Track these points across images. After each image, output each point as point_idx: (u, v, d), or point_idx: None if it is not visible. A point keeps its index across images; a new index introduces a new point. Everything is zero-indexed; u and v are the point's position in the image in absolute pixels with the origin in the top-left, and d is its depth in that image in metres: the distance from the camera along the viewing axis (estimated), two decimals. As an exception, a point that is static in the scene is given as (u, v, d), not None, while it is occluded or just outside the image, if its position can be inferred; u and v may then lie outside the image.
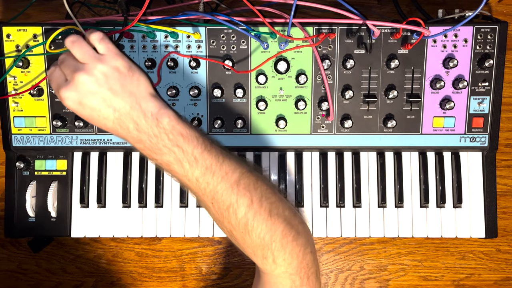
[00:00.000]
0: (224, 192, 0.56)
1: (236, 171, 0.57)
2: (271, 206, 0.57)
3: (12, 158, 0.75)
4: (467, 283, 0.85)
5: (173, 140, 0.56)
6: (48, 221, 0.75)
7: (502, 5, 0.84)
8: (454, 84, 0.72)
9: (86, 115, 0.57)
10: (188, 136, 0.57)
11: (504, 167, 0.85)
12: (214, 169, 0.56)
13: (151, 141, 0.56)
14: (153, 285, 0.85)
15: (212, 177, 0.56)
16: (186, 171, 0.56)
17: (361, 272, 0.85)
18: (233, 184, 0.56)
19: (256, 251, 0.57)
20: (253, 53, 0.72)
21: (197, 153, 0.56)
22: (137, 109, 0.56)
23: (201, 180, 0.56)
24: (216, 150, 0.58)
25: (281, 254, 0.56)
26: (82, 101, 0.56)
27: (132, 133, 0.57)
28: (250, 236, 0.56)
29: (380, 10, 0.84)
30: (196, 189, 0.57)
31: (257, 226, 0.56)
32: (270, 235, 0.56)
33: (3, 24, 0.71)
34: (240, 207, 0.56)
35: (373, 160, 0.76)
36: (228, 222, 0.57)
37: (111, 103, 0.56)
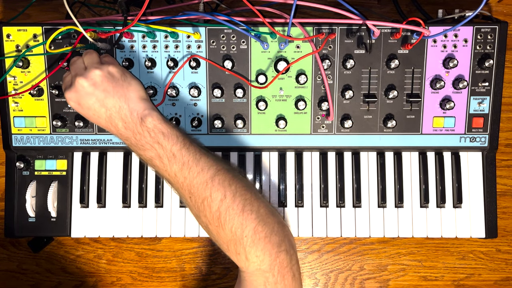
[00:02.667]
0: (200, 186, 0.60)
1: (212, 167, 0.62)
2: (245, 202, 0.60)
3: (12, 158, 0.75)
4: (467, 283, 0.85)
5: (154, 138, 0.62)
6: (48, 221, 0.75)
7: (502, 5, 0.84)
8: (454, 84, 0.72)
9: (84, 113, 0.65)
10: (168, 135, 0.62)
11: (504, 167, 0.85)
12: (190, 164, 0.61)
13: (136, 138, 0.62)
14: (153, 285, 0.85)
15: (188, 172, 0.61)
16: (165, 166, 0.62)
17: (361, 272, 0.85)
18: (208, 179, 0.60)
19: (230, 246, 0.60)
20: (253, 53, 0.72)
21: (175, 149, 0.62)
22: (126, 108, 0.63)
23: (179, 175, 0.61)
24: (195, 148, 0.63)
25: (253, 250, 0.58)
26: (81, 102, 0.64)
27: (121, 130, 0.63)
28: (223, 230, 0.59)
29: (380, 10, 0.84)
30: (175, 183, 0.62)
31: (229, 220, 0.59)
32: (242, 230, 0.58)
33: (3, 24, 0.71)
34: (214, 201, 0.59)
35: (373, 160, 0.76)
36: (204, 215, 0.60)
37: (104, 102, 0.63)
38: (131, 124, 0.63)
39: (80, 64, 0.65)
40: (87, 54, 0.66)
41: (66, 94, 0.64)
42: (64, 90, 0.65)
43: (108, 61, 0.66)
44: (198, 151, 0.63)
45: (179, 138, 0.63)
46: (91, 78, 0.62)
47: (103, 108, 0.63)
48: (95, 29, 0.67)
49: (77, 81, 0.62)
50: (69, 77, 0.66)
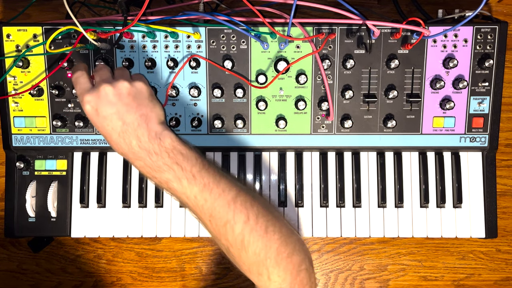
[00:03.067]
0: (222, 209, 0.58)
1: (233, 189, 0.60)
2: (267, 223, 0.59)
3: (12, 158, 0.75)
4: (467, 283, 0.85)
5: (173, 158, 0.59)
6: (48, 221, 0.75)
7: (502, 5, 0.84)
8: (454, 84, 0.72)
9: (97, 122, 0.61)
10: (188, 155, 0.60)
11: (504, 167, 0.85)
12: (211, 186, 0.59)
13: (151, 159, 0.59)
14: (153, 285, 0.85)
15: (209, 194, 0.58)
16: (184, 188, 0.59)
17: (361, 272, 0.85)
18: (230, 201, 0.58)
19: (252, 268, 0.58)
20: (253, 53, 0.72)
21: (195, 171, 0.59)
22: (144, 127, 0.60)
23: (199, 197, 0.58)
24: (214, 169, 0.61)
25: (275, 270, 0.57)
26: (99, 108, 0.60)
27: (134, 149, 0.60)
28: (246, 253, 0.58)
29: (380, 10, 0.84)
30: (194, 206, 0.59)
31: (253, 242, 0.57)
32: (266, 251, 0.57)
33: (3, 24, 0.71)
34: (237, 223, 0.57)
35: (373, 160, 0.76)
36: (226, 239, 0.58)
37: (123, 116, 0.60)
38: (147, 144, 0.59)
39: (108, 72, 0.64)
40: (119, 68, 0.66)
41: (86, 96, 0.61)
42: (81, 91, 0.62)
43: (139, 78, 0.65)
44: (217, 173, 0.61)
45: (198, 159, 0.60)
46: (119, 88, 0.60)
47: (120, 121, 0.60)
48: (95, 29, 0.67)
49: (103, 87, 0.60)
50: (85, 79, 0.63)
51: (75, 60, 0.72)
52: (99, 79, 0.62)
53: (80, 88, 0.63)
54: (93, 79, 0.64)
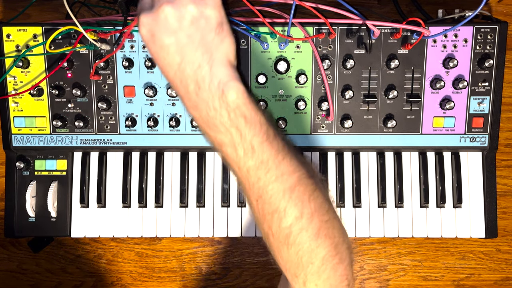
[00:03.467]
0: (275, 195, 0.49)
1: (295, 174, 0.50)
2: (321, 225, 0.50)
3: (12, 158, 0.75)
4: (467, 283, 0.85)
5: (233, 120, 0.48)
6: (48, 221, 0.75)
7: (502, 5, 0.84)
8: (454, 84, 0.72)
9: (153, 50, 0.50)
10: (252, 120, 0.49)
11: (504, 167, 0.85)
12: (270, 166, 0.49)
13: (209, 114, 0.49)
14: (153, 285, 0.85)
15: (265, 173, 0.49)
16: (239, 158, 0.49)
17: (361, 272, 0.85)
18: (287, 189, 0.49)
19: (289, 267, 0.51)
20: (253, 53, 0.72)
21: (256, 142, 0.49)
22: (206, 70, 0.48)
23: (252, 173, 0.49)
24: (278, 143, 0.50)
25: (314, 279, 0.50)
26: (156, 34, 0.49)
27: (191, 95, 0.49)
28: (288, 250, 0.49)
29: (380, 10, 0.84)
30: (244, 181, 0.50)
31: (299, 243, 0.49)
32: (310, 257, 0.49)
33: (3, 24, 0.71)
34: (287, 217, 0.49)
35: (373, 160, 0.76)
36: (269, 227, 0.50)
37: (183, 49, 0.48)
38: (207, 93, 0.48)
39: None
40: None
41: (142, 17, 0.49)
42: (139, 11, 0.51)
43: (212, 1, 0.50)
44: (282, 148, 0.50)
45: (263, 127, 0.49)
46: (181, 12, 0.48)
47: (178, 56, 0.48)
48: (95, 29, 0.67)
49: (163, 7, 0.47)
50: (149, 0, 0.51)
51: (75, 60, 0.72)
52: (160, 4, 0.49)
53: (140, 8, 0.51)
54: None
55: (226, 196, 0.76)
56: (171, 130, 0.73)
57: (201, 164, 0.76)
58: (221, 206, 0.76)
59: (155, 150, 0.76)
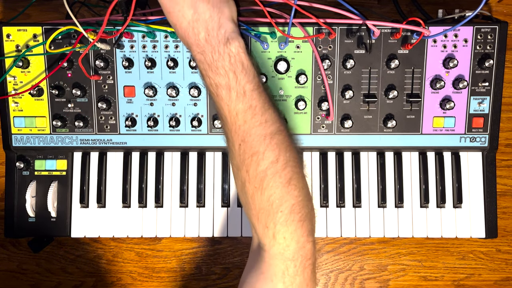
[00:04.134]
0: (256, 138, 0.55)
1: (275, 124, 0.56)
2: (293, 175, 0.55)
3: (12, 158, 0.75)
4: (467, 283, 0.85)
5: (233, 65, 0.56)
6: (48, 221, 0.75)
7: (502, 5, 0.84)
8: (454, 84, 0.72)
9: (168, 6, 0.57)
10: (247, 68, 0.56)
11: (504, 167, 0.85)
12: (256, 111, 0.55)
13: (213, 57, 0.56)
14: (153, 285, 0.85)
15: (251, 118, 0.55)
16: (231, 100, 0.55)
17: (361, 272, 0.85)
18: (268, 134, 0.55)
19: (261, 216, 0.55)
20: (253, 53, 0.72)
21: (248, 88, 0.55)
22: (215, 21, 0.56)
23: (240, 116, 0.55)
24: (265, 96, 0.57)
25: (282, 230, 0.54)
26: None
27: (200, 41, 0.56)
28: (261, 195, 0.54)
29: (380, 10, 0.84)
30: (231, 124, 0.56)
31: (272, 187, 0.54)
32: (280, 202, 0.54)
33: (3, 24, 0.71)
34: (264, 159, 0.54)
35: (373, 160, 0.76)
36: (247, 171, 0.55)
37: (195, 4, 0.55)
38: (215, 39, 0.55)
39: None
40: None
41: None
42: None
43: None
44: (267, 100, 0.57)
45: (255, 78, 0.57)
46: None
47: (192, 9, 0.55)
48: (95, 29, 0.67)
49: None
50: None
51: (75, 60, 0.72)
52: None
53: None
54: None
55: (226, 196, 0.76)
56: (171, 130, 0.73)
57: (201, 164, 0.76)
58: (221, 206, 0.76)
59: (155, 150, 0.76)
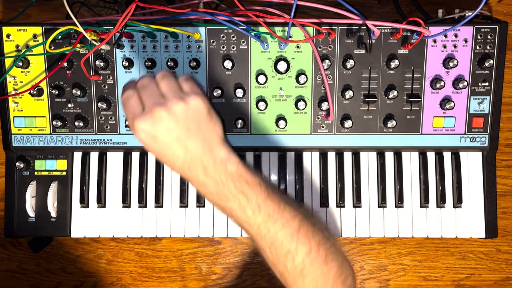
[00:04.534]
0: (284, 239, 0.56)
1: (296, 218, 0.58)
2: (327, 252, 0.58)
3: (12, 158, 0.75)
4: (467, 283, 0.85)
5: (238, 188, 0.55)
6: (48, 221, 0.75)
7: (502, 5, 0.84)
8: (454, 84, 0.72)
9: (156, 149, 0.55)
10: (253, 183, 0.56)
11: (504, 167, 0.85)
12: (275, 217, 0.56)
13: (217, 187, 0.55)
14: (153, 285, 0.85)
15: (273, 224, 0.56)
16: (248, 218, 0.56)
17: (361, 272, 0.85)
18: (294, 232, 0.57)
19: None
20: (253, 53, 0.72)
21: (260, 200, 0.56)
22: (208, 153, 0.55)
23: (262, 227, 0.56)
24: (277, 196, 0.58)
25: None
26: (156, 136, 0.54)
27: (199, 177, 0.56)
28: (303, 281, 0.57)
29: (380, 10, 0.84)
30: (256, 235, 0.57)
31: (312, 272, 0.57)
32: (323, 280, 0.58)
33: (3, 24, 0.71)
34: (298, 254, 0.56)
35: (373, 160, 0.76)
36: (284, 267, 0.57)
37: (185, 143, 0.54)
38: (213, 172, 0.55)
39: (154, 88, 0.55)
40: (164, 78, 0.56)
41: (138, 123, 0.53)
42: (132, 117, 0.54)
43: (191, 90, 0.56)
44: (281, 200, 0.58)
45: (262, 186, 0.57)
46: (174, 111, 0.53)
47: (182, 148, 0.54)
48: (95, 29, 0.67)
49: (157, 112, 0.52)
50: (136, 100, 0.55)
51: (75, 60, 0.72)
52: (150, 101, 0.54)
53: (130, 112, 0.55)
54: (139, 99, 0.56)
55: (226, 196, 0.76)
56: (171, 130, 0.73)
57: (201, 164, 0.76)
58: (221, 206, 0.76)
59: (155, 150, 0.76)
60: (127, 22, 0.65)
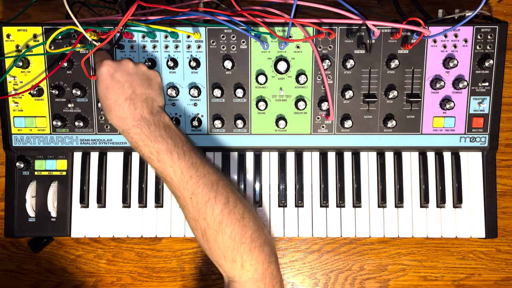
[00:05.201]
0: (205, 187, 0.62)
1: (216, 173, 0.64)
2: (244, 210, 0.63)
3: (12, 158, 0.75)
4: (467, 283, 0.85)
5: (168, 133, 0.64)
6: (48, 221, 0.75)
7: (502, 5, 0.84)
8: (454, 84, 0.72)
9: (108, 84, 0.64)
10: (180, 135, 0.66)
11: (504, 167, 0.85)
12: (198, 165, 0.63)
13: (149, 128, 0.64)
14: (153, 285, 0.85)
15: (196, 171, 0.62)
16: (174, 161, 0.62)
17: (361, 272, 0.85)
18: (214, 182, 0.63)
19: (226, 254, 0.61)
20: (253, 53, 0.72)
21: (186, 149, 0.64)
22: (149, 103, 0.66)
23: (185, 173, 0.62)
24: (200, 154, 0.66)
25: (248, 258, 0.60)
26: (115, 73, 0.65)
27: (135, 116, 0.64)
28: (223, 235, 0.60)
29: (380, 10, 0.84)
30: (179, 182, 0.62)
31: (230, 225, 0.60)
32: (241, 236, 0.61)
33: (3, 24, 0.71)
34: (217, 203, 0.61)
35: (373, 160, 0.76)
36: (204, 218, 0.61)
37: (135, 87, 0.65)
38: (149, 115, 0.64)
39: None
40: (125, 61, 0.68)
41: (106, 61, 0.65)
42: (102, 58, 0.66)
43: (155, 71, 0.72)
44: (203, 157, 0.66)
45: (188, 142, 0.66)
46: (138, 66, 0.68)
47: (131, 89, 0.65)
48: (95, 29, 0.67)
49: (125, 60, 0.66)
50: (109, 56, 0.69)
51: (75, 60, 0.72)
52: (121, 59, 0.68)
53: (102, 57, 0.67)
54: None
55: (226, 196, 0.76)
56: (171, 130, 0.73)
57: (201, 164, 0.76)
58: (221, 206, 0.76)
59: (155, 150, 0.76)
60: (127, 22, 0.65)
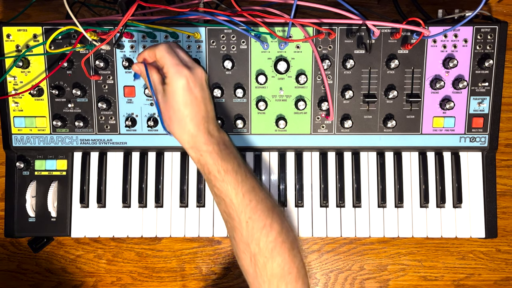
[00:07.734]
0: (262, 213, 0.61)
1: (271, 199, 0.64)
2: (293, 241, 0.63)
3: (12, 158, 0.75)
4: (467, 283, 0.85)
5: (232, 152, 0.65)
6: (48, 221, 0.75)
7: (502, 5, 0.84)
8: (454, 84, 0.72)
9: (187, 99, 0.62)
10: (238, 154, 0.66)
11: (504, 167, 0.85)
12: (257, 190, 0.63)
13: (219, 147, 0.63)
14: (153, 285, 0.85)
15: (255, 196, 0.62)
16: (237, 183, 0.61)
17: (361, 272, 0.85)
18: (270, 208, 0.62)
19: (272, 280, 0.60)
20: (253, 53, 0.72)
21: (247, 170, 0.64)
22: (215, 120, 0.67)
23: (246, 196, 0.61)
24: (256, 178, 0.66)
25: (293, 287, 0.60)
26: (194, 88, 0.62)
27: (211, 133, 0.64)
28: (272, 263, 0.59)
29: (380, 10, 0.84)
30: (238, 204, 0.61)
31: (282, 253, 0.60)
32: (290, 266, 0.60)
33: (3, 24, 0.71)
34: (272, 231, 0.60)
35: (373, 160, 0.76)
36: (257, 244, 0.60)
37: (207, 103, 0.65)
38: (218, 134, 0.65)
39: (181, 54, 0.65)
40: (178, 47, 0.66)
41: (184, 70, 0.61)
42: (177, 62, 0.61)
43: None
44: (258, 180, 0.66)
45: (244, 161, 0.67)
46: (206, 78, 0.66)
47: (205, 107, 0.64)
48: (95, 29, 0.67)
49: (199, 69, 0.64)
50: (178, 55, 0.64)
51: (75, 60, 0.72)
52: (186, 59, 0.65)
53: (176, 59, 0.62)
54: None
55: (226, 196, 0.76)
56: (171, 130, 0.73)
57: (201, 164, 0.76)
58: (221, 206, 0.76)
59: (155, 150, 0.76)
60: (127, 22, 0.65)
